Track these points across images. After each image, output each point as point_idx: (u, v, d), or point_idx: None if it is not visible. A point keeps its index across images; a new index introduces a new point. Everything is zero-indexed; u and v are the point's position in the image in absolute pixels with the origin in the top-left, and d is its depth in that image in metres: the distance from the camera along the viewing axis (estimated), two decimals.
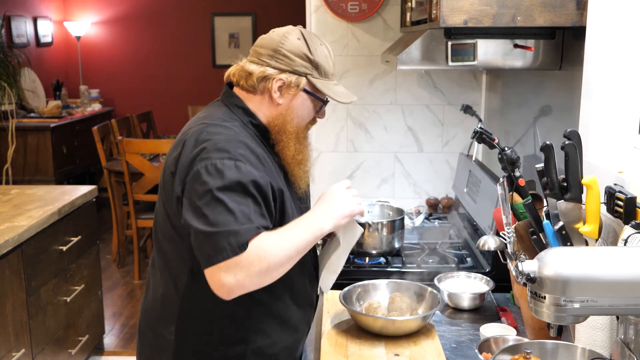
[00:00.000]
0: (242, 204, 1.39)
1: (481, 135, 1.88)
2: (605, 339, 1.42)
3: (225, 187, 1.38)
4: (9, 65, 5.36)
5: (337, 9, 3.00)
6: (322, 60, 1.56)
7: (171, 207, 1.50)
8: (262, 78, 1.53)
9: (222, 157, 1.41)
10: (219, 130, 1.47)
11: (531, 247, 1.54)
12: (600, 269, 1.13)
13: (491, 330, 1.73)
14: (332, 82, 1.60)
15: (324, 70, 1.56)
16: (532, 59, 2.05)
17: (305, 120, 1.59)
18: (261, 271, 1.38)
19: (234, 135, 1.47)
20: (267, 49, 1.54)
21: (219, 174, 1.39)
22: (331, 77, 1.59)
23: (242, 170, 1.40)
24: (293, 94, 1.54)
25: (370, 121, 3.13)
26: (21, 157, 5.66)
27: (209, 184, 1.38)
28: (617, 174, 1.55)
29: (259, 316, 1.56)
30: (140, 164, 4.37)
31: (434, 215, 2.94)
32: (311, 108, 1.59)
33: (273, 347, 1.59)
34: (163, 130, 7.05)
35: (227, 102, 1.59)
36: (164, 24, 7.16)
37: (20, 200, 3.06)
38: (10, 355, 2.54)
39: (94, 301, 3.42)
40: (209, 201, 1.38)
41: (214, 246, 1.36)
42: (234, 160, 1.41)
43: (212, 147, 1.42)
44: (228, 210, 1.37)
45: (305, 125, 1.61)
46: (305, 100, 1.56)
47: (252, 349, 1.57)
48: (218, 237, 1.36)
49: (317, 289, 1.70)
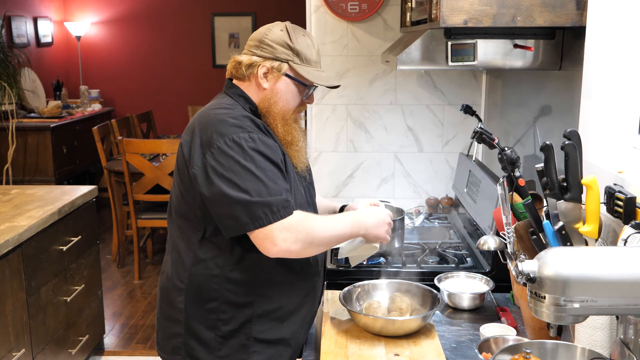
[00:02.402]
0: (267, 169, 1.57)
1: (481, 135, 1.88)
2: (605, 339, 1.42)
3: (249, 156, 1.56)
4: (9, 65, 5.36)
5: (337, 9, 3.00)
6: (303, 48, 1.70)
7: (185, 185, 1.65)
8: (248, 65, 1.70)
9: (236, 131, 1.58)
10: (226, 111, 1.65)
11: (531, 247, 1.54)
12: (600, 269, 1.13)
13: (491, 330, 1.73)
14: (315, 68, 1.73)
15: (305, 57, 1.71)
16: (532, 59, 2.05)
17: (290, 103, 1.73)
18: (307, 241, 1.58)
19: (239, 113, 1.65)
20: (254, 40, 1.73)
21: (239, 146, 1.56)
22: (314, 64, 1.73)
23: (256, 140, 1.59)
24: (276, 78, 1.70)
25: (370, 121, 3.14)
26: (21, 157, 5.66)
27: (233, 156, 1.55)
28: (617, 174, 1.55)
29: (264, 282, 1.68)
30: (140, 164, 4.37)
31: (434, 215, 2.94)
32: (295, 92, 1.72)
33: (278, 311, 1.70)
34: (163, 130, 7.06)
35: (229, 93, 1.75)
36: (164, 24, 7.16)
37: (21, 200, 3.06)
38: (10, 355, 2.54)
39: (94, 301, 3.42)
40: (238, 171, 1.55)
41: (253, 213, 1.54)
42: (248, 133, 1.59)
43: (225, 124, 1.60)
44: (257, 178, 1.55)
45: (292, 109, 1.74)
46: (289, 84, 1.71)
47: (258, 313, 1.68)
48: (256, 206, 1.54)
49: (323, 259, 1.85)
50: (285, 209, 1.56)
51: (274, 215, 1.54)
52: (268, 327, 1.70)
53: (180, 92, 7.24)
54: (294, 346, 1.76)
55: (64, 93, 6.64)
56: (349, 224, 1.70)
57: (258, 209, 1.53)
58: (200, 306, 1.69)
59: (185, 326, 1.71)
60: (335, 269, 2.16)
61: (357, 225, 1.71)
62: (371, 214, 1.76)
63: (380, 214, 1.77)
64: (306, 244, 1.59)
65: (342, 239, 1.71)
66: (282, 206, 1.56)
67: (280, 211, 1.55)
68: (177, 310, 1.72)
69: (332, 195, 3.17)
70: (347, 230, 1.69)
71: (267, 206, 1.54)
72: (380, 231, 1.76)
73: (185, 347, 1.71)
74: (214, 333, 1.68)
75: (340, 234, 1.68)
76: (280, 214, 1.55)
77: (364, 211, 1.78)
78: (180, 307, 1.71)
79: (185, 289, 1.70)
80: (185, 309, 1.70)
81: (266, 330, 1.70)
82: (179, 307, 1.71)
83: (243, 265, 1.66)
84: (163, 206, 4.62)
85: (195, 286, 1.69)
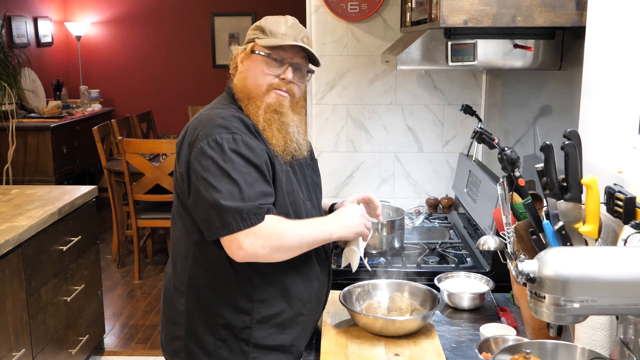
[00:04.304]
0: (245, 173, 1.56)
1: (481, 135, 1.89)
2: (605, 338, 1.42)
3: (228, 158, 1.55)
4: (9, 65, 5.36)
5: (337, 9, 3.00)
6: (270, 25, 1.70)
7: (178, 185, 1.66)
8: (233, 57, 1.76)
9: (220, 132, 1.58)
10: (216, 111, 1.65)
11: (531, 247, 1.54)
12: (600, 269, 1.13)
13: (491, 330, 1.73)
14: (281, 39, 1.68)
15: (270, 31, 1.70)
16: (532, 59, 2.05)
17: (259, 78, 1.69)
18: (275, 247, 1.56)
19: (229, 113, 1.64)
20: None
21: (219, 147, 1.56)
22: (281, 36, 1.68)
23: (238, 141, 1.57)
24: (246, 58, 1.72)
25: (370, 121, 3.14)
26: (21, 157, 5.66)
27: (212, 157, 1.55)
28: (617, 174, 1.55)
29: (263, 287, 1.66)
30: (140, 164, 4.37)
31: (434, 215, 2.94)
32: (264, 67, 1.68)
33: (278, 317, 1.68)
34: (163, 130, 7.06)
35: (227, 92, 1.78)
36: (164, 24, 7.16)
37: (21, 200, 3.06)
38: (10, 355, 2.54)
39: (94, 301, 3.42)
40: (215, 172, 1.54)
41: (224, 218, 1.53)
42: (232, 134, 1.58)
43: (211, 125, 1.60)
44: (232, 180, 1.54)
45: (264, 85, 1.68)
46: (256, 60, 1.69)
47: (257, 319, 1.67)
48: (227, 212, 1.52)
49: (328, 266, 1.83)
50: (256, 216, 1.54)
51: (244, 222, 1.53)
52: (268, 333, 1.68)
53: (180, 92, 7.24)
54: (295, 353, 1.74)
55: (64, 93, 6.64)
56: (318, 228, 1.66)
57: (229, 215, 1.52)
58: (201, 309, 1.68)
59: (185, 329, 1.70)
60: (335, 269, 2.16)
61: (327, 227, 1.67)
62: (340, 214, 1.73)
63: (349, 211, 1.73)
64: (274, 249, 1.57)
65: (315, 243, 1.66)
66: (253, 213, 1.54)
67: (250, 218, 1.53)
68: (178, 312, 1.71)
69: (332, 195, 3.17)
70: (317, 234, 1.65)
71: (238, 212, 1.52)
72: (357, 227, 1.72)
73: (186, 350, 1.71)
74: (214, 337, 1.67)
75: (312, 239, 1.64)
76: (250, 221, 1.53)
77: (333, 214, 1.74)
78: (181, 310, 1.71)
79: (186, 291, 1.69)
80: (185, 311, 1.70)
81: (266, 336, 1.68)
82: (180, 310, 1.71)
83: (242, 270, 1.65)
84: (163, 206, 4.63)
85: (196, 289, 1.68)
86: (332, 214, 1.75)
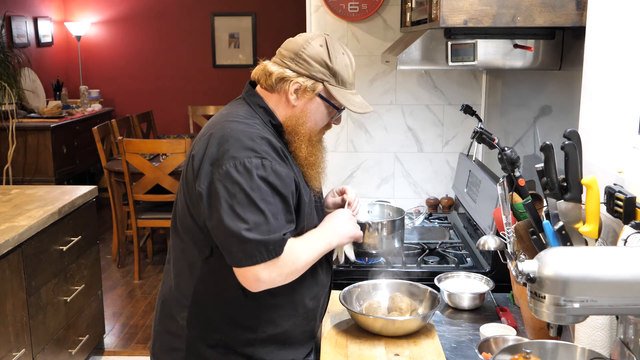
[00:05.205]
0: (271, 203, 1.50)
1: (481, 135, 1.89)
2: (605, 338, 1.42)
3: (256, 186, 1.48)
4: (9, 65, 5.36)
5: (337, 9, 3.00)
6: (341, 69, 1.61)
7: (191, 199, 1.57)
8: (280, 79, 1.60)
9: (248, 155, 1.49)
10: (242, 127, 1.55)
11: (531, 247, 1.54)
12: (600, 269, 1.13)
13: (491, 330, 1.73)
14: (350, 91, 1.65)
15: (341, 79, 1.62)
16: (532, 59, 2.05)
17: (318, 124, 1.65)
18: (291, 272, 1.55)
19: (257, 132, 1.55)
20: (290, 51, 1.61)
21: (248, 173, 1.48)
22: (349, 86, 1.64)
23: (267, 168, 1.50)
24: (308, 98, 1.61)
25: (370, 121, 3.14)
26: (21, 157, 5.66)
27: (240, 183, 1.47)
28: (617, 174, 1.55)
29: (269, 305, 1.62)
30: (140, 164, 4.37)
31: (434, 215, 2.94)
32: (325, 114, 1.64)
33: (282, 335, 1.65)
34: (163, 130, 7.05)
35: (249, 101, 1.66)
36: (164, 24, 7.16)
37: (21, 200, 3.06)
38: (10, 355, 2.54)
39: (94, 301, 3.42)
40: (241, 200, 1.47)
41: (248, 250, 1.48)
42: (261, 159, 1.50)
43: (239, 145, 1.50)
44: (260, 211, 1.48)
45: (319, 129, 1.67)
46: (320, 105, 1.62)
47: (262, 338, 1.63)
48: (252, 244, 1.47)
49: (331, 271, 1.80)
50: (280, 247, 1.50)
51: (268, 254, 1.49)
52: (271, 349, 1.65)
53: (180, 92, 7.23)
54: None
55: (64, 93, 6.63)
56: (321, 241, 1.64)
57: (253, 247, 1.48)
58: (204, 324, 1.63)
59: (187, 343, 1.65)
60: (335, 269, 2.16)
61: (328, 238, 1.66)
62: (334, 223, 1.70)
63: (340, 218, 1.71)
64: (290, 275, 1.56)
65: (320, 256, 1.64)
66: (279, 245, 1.50)
67: (275, 249, 1.49)
68: (179, 326, 1.66)
69: None
70: (322, 247, 1.64)
71: (264, 245, 1.48)
72: (352, 232, 1.72)
73: None
74: (216, 353, 1.63)
75: (318, 253, 1.63)
76: (274, 253, 1.49)
77: (327, 223, 1.70)
78: (182, 324, 1.65)
79: (189, 305, 1.64)
80: (187, 325, 1.64)
81: (269, 353, 1.65)
82: (181, 324, 1.65)
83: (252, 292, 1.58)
84: (163, 206, 4.63)
85: (200, 304, 1.63)
86: (326, 223, 1.70)
